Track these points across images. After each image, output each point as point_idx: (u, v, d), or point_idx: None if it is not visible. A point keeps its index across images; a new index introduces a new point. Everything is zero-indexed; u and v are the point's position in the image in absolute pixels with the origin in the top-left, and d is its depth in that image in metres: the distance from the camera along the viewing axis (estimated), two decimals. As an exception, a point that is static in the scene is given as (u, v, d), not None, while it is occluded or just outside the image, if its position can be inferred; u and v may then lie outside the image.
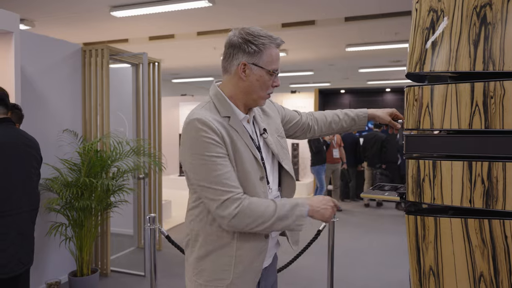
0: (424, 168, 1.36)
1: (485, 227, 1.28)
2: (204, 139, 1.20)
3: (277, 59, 1.31)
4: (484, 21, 1.25)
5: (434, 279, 1.36)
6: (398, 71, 10.76)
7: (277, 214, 1.23)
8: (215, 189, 1.20)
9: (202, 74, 10.91)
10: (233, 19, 5.83)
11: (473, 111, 1.28)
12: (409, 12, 5.48)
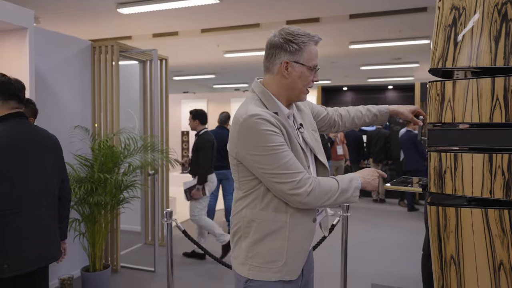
0: (446, 161, 1.41)
1: (505, 217, 1.33)
2: (266, 131, 1.30)
3: (316, 55, 1.40)
4: (505, 18, 1.30)
5: (455, 267, 1.42)
6: (398, 68, 10.81)
7: (340, 187, 1.35)
8: (287, 173, 1.30)
9: (204, 72, 10.94)
10: (238, 16, 5.87)
11: (493, 105, 1.33)
12: (413, 9, 5.53)
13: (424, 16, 5.60)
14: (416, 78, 12.76)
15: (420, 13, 5.52)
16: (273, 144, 1.30)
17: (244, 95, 9.95)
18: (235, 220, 1.45)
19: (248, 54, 8.11)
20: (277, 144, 1.30)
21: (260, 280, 1.38)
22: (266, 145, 1.29)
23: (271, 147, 1.30)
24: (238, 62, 9.23)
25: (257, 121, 1.30)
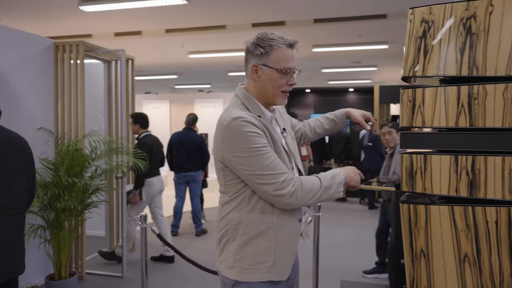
0: (417, 162, 1.53)
1: (469, 213, 1.46)
2: (250, 133, 1.33)
3: (287, 58, 1.41)
4: (469, 32, 1.44)
5: (424, 260, 1.54)
6: (357, 71, 11.21)
7: (323, 185, 1.39)
8: (271, 174, 1.33)
9: (167, 72, 10.79)
10: (203, 17, 5.86)
11: (459, 111, 1.46)
12: (374, 16, 5.79)
13: (384, 23, 5.88)
14: (373, 81, 13.28)
15: (380, 20, 5.79)
16: (256, 145, 1.33)
17: (208, 96, 9.92)
18: (222, 224, 1.47)
19: (213, 55, 8.12)
20: (260, 146, 1.33)
21: (248, 282, 1.39)
22: (249, 146, 1.32)
23: (255, 149, 1.32)
24: (202, 63, 9.20)
25: (241, 123, 1.33)
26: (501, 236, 1.40)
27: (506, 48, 1.37)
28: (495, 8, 1.39)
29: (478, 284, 1.45)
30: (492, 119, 1.40)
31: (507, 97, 1.37)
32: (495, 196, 1.40)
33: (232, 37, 6.79)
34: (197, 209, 5.01)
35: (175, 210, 4.96)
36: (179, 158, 4.82)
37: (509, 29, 1.37)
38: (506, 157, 1.37)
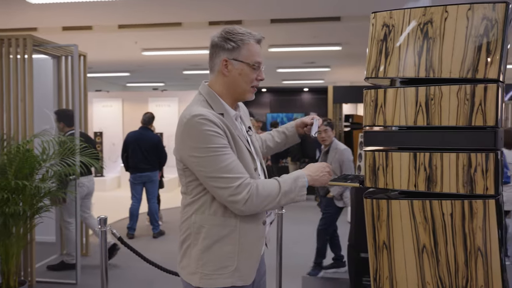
0: (379, 159, 1.61)
1: (427, 207, 1.56)
2: (208, 132, 1.28)
3: (257, 53, 1.41)
4: (426, 36, 1.53)
5: (386, 251, 1.62)
6: (311, 72, 11.50)
7: (282, 190, 1.34)
8: (226, 177, 1.28)
9: (118, 69, 10.42)
10: (159, 14, 5.73)
11: (417, 111, 1.55)
12: (328, 18, 5.96)
13: (338, 25, 6.08)
14: (326, 81, 13.68)
15: (334, 22, 5.98)
16: (214, 145, 1.28)
17: (163, 95, 9.72)
18: (184, 227, 1.42)
19: (168, 53, 7.96)
20: (218, 146, 1.29)
21: None
22: (207, 146, 1.28)
23: (212, 149, 1.28)
24: (156, 60, 8.99)
25: (200, 121, 1.29)
26: (455, 227, 1.51)
27: (459, 52, 1.48)
28: (449, 14, 1.50)
29: (435, 273, 1.55)
30: (447, 118, 1.51)
31: (460, 98, 1.47)
32: (450, 190, 1.51)
33: (188, 35, 6.71)
34: (154, 210, 4.90)
35: (131, 212, 4.82)
36: (135, 158, 4.69)
37: (462, 34, 1.47)
38: (460, 154, 1.48)
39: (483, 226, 1.46)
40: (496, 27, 1.42)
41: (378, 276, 1.65)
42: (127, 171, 4.87)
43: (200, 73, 11.11)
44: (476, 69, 1.45)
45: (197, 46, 7.49)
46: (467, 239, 1.49)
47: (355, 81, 13.46)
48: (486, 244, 1.46)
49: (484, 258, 1.46)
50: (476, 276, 1.48)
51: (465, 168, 1.48)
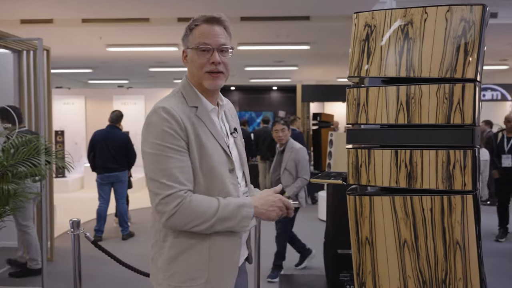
0: (361, 156, 1.64)
1: (408, 203, 1.61)
2: (165, 128, 1.20)
3: (204, 34, 1.28)
4: (407, 36, 1.58)
5: (369, 247, 1.66)
6: (279, 70, 11.59)
7: (219, 214, 1.20)
8: (160, 182, 1.17)
9: (80, 65, 10.04)
10: (125, 9, 5.56)
11: (398, 109, 1.60)
12: (297, 17, 6.02)
13: (307, 24, 6.15)
14: (293, 80, 13.84)
15: (303, 21, 6.05)
16: (164, 143, 1.19)
17: (128, 92, 9.46)
18: (152, 232, 1.34)
19: (135, 49, 7.76)
20: (168, 146, 1.19)
21: None
22: (156, 142, 1.20)
23: (161, 147, 1.19)
24: (121, 57, 8.73)
25: (161, 114, 1.21)
26: (435, 222, 1.56)
27: (438, 52, 1.53)
28: (429, 15, 1.55)
29: (416, 267, 1.60)
30: (427, 117, 1.56)
31: (439, 97, 1.53)
32: (430, 186, 1.56)
33: (155, 31, 6.56)
34: (123, 211, 4.76)
35: (99, 214, 4.66)
36: (103, 157, 4.54)
37: (441, 35, 1.53)
38: (439, 151, 1.54)
39: (461, 221, 1.52)
40: (473, 29, 1.48)
41: (361, 271, 1.68)
42: (93, 171, 4.70)
43: (166, 71, 10.92)
44: (455, 69, 1.51)
45: (165, 43, 7.35)
46: (446, 233, 1.55)
47: (321, 80, 13.70)
48: (464, 237, 1.52)
49: (462, 251, 1.53)
50: (455, 268, 1.54)
51: (444, 165, 1.53)
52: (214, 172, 1.27)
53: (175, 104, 1.26)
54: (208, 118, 1.31)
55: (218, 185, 1.28)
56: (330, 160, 6.27)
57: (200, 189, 1.26)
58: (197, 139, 1.25)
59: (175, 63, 9.80)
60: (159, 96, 9.49)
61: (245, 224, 1.25)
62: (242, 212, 1.25)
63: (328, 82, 13.35)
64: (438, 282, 1.58)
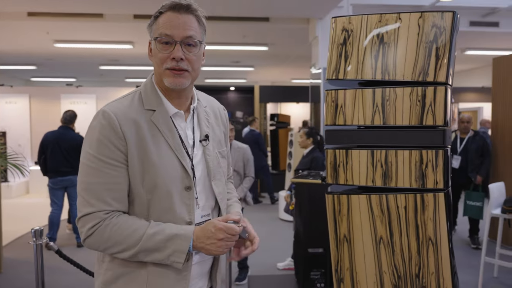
0: (339, 156, 1.69)
1: (383, 201, 1.68)
2: (100, 137, 1.06)
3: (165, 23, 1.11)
4: (382, 41, 1.65)
5: (347, 244, 1.72)
6: (235, 71, 11.61)
7: (141, 244, 1.04)
8: (83, 197, 1.06)
9: (24, 62, 9.42)
10: (77, 3, 5.30)
11: (374, 111, 1.67)
12: (257, 18, 6.07)
13: (266, 25, 6.22)
14: (248, 81, 13.91)
15: (263, 22, 6.11)
16: (96, 155, 1.06)
17: (77, 91, 9.03)
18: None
19: (86, 46, 7.41)
20: (100, 158, 1.05)
21: None
22: (90, 151, 1.07)
23: (93, 158, 1.06)
24: (70, 53, 8.32)
25: (100, 119, 1.07)
26: (409, 219, 1.65)
27: (411, 56, 1.62)
28: (402, 21, 1.63)
29: (391, 263, 1.68)
30: (401, 118, 1.64)
31: (413, 99, 1.61)
32: (404, 184, 1.64)
33: (109, 28, 6.32)
34: (78, 217, 4.52)
35: (51, 220, 4.40)
36: (55, 160, 4.29)
37: (414, 40, 1.61)
38: (413, 151, 1.62)
39: (433, 217, 1.61)
40: (444, 34, 1.57)
41: (339, 268, 1.73)
42: (45, 176, 4.43)
43: (118, 69, 10.55)
44: (427, 73, 1.60)
45: (120, 40, 7.10)
46: (419, 230, 1.64)
47: (276, 81, 13.90)
48: (436, 234, 1.61)
49: (434, 247, 1.62)
50: (427, 263, 1.63)
51: (417, 164, 1.62)
52: (158, 189, 1.09)
53: (124, 107, 1.10)
54: (165, 124, 1.13)
55: (162, 205, 1.10)
56: (290, 160, 6.40)
57: (142, 209, 1.10)
58: (141, 149, 1.08)
59: (129, 61, 9.50)
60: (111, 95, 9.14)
61: (177, 260, 1.05)
62: (174, 244, 1.05)
63: (283, 83, 13.57)
64: (412, 277, 1.66)
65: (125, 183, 1.08)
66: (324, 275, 2.75)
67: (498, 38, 7.11)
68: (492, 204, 3.57)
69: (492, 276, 3.79)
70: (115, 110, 1.09)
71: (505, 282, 3.69)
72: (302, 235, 2.77)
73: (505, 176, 4.63)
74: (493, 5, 5.87)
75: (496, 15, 6.23)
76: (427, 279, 1.64)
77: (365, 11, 5.93)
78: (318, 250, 2.75)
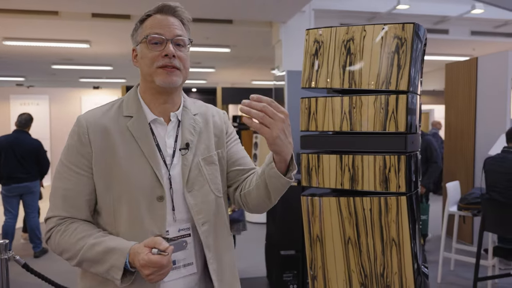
0: (312, 160, 1.80)
1: (351, 203, 1.80)
2: (69, 142, 1.13)
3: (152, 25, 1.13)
4: (349, 52, 1.77)
5: (319, 244, 1.83)
6: (196, 72, 11.57)
7: (82, 254, 1.03)
8: (50, 201, 1.12)
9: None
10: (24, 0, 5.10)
11: (342, 118, 1.79)
12: (222, 20, 6.12)
13: (229, 27, 6.29)
14: (208, 82, 13.90)
15: (226, 24, 6.17)
16: (63, 161, 1.11)
17: (29, 91, 8.66)
18: None
19: (40, 44, 7.13)
20: (66, 164, 1.10)
21: None
22: (61, 157, 1.13)
23: (61, 164, 1.12)
24: (20, 52, 7.96)
25: (74, 126, 1.13)
26: (374, 221, 1.75)
27: (375, 66, 1.74)
28: (367, 33, 1.76)
29: (358, 262, 1.80)
30: (366, 125, 1.76)
31: (377, 107, 1.74)
32: (369, 188, 1.75)
33: (65, 26, 6.13)
34: (35, 225, 4.37)
35: (5, 231, 4.22)
36: (9, 166, 4.13)
37: (377, 51, 1.73)
38: (377, 156, 1.73)
39: (396, 220, 1.71)
40: (405, 45, 1.69)
41: (313, 266, 1.85)
42: (-3, 183, 4.25)
43: (72, 68, 10.22)
44: (389, 82, 1.73)
45: (76, 39, 6.91)
46: (383, 231, 1.74)
47: (236, 82, 14.01)
48: (399, 235, 1.71)
49: (397, 247, 1.72)
50: (391, 263, 1.74)
51: (381, 169, 1.73)
52: (125, 197, 1.08)
53: (98, 114, 1.14)
54: (141, 131, 1.12)
55: (130, 216, 1.08)
56: (255, 163, 6.51)
57: (109, 218, 1.10)
58: (109, 156, 1.08)
59: (85, 60, 9.24)
60: (66, 96, 8.85)
61: (115, 276, 1.00)
62: (111, 259, 1.01)
63: (243, 84, 13.70)
64: (377, 276, 1.77)
65: (85, 191, 1.09)
66: (296, 277, 2.86)
67: (447, 44, 7.62)
68: (449, 202, 3.86)
69: (449, 269, 4.09)
70: (88, 117, 1.12)
71: (461, 274, 4.00)
72: (274, 237, 2.86)
73: (458, 175, 4.99)
74: (443, 14, 6.30)
75: (446, 23, 6.70)
76: (391, 278, 1.74)
77: (326, 16, 6.16)
78: (290, 253, 2.86)
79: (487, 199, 3.10)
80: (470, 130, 4.82)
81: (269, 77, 10.88)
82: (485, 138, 4.55)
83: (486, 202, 3.12)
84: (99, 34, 6.73)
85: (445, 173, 5.27)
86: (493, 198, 3.02)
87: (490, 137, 4.27)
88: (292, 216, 2.71)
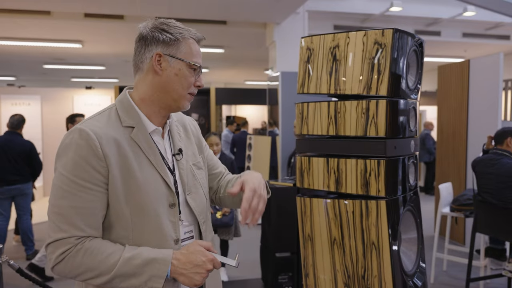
0: (304, 163, 1.92)
1: (336, 205, 1.89)
2: (76, 157, 1.05)
3: (198, 53, 1.19)
4: (335, 58, 1.88)
5: (310, 242, 1.94)
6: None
7: (117, 269, 1.03)
8: (54, 222, 1.04)
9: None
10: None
11: (329, 122, 1.89)
12: (216, 21, 6.20)
13: (223, 28, 6.38)
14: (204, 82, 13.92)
15: (220, 25, 6.26)
16: (71, 177, 1.04)
17: (20, 91, 8.68)
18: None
19: (31, 44, 7.18)
20: (75, 181, 1.04)
21: None
22: (63, 173, 1.05)
23: (67, 180, 1.05)
24: (11, 51, 8.00)
25: (75, 139, 1.06)
26: (356, 223, 1.83)
27: (357, 72, 1.83)
28: (350, 40, 1.85)
29: (343, 263, 1.89)
30: (349, 129, 1.84)
31: (358, 112, 1.82)
32: (352, 191, 1.83)
33: (57, 26, 6.19)
34: (27, 228, 4.43)
35: (-5, 233, 4.28)
36: (1, 168, 4.20)
37: (359, 57, 1.81)
38: (359, 160, 1.81)
39: (376, 224, 1.78)
40: (385, 50, 1.75)
41: (305, 263, 1.97)
42: (-11, 185, 4.31)
43: (64, 68, 10.26)
44: (370, 87, 1.79)
45: (68, 38, 6.97)
46: (364, 234, 1.82)
47: (229, 83, 14.09)
48: (379, 239, 1.78)
49: (377, 251, 1.79)
50: (371, 266, 1.81)
51: (362, 173, 1.80)
52: (145, 209, 1.10)
53: (102, 125, 1.10)
54: (146, 141, 1.14)
55: (151, 225, 1.11)
56: (249, 163, 6.59)
57: (125, 231, 1.10)
58: (124, 169, 1.09)
59: (77, 60, 9.29)
60: (58, 97, 8.86)
61: (154, 285, 1.04)
62: (152, 269, 1.04)
63: (236, 85, 13.78)
64: (359, 278, 1.84)
65: (101, 208, 1.07)
66: (291, 279, 2.95)
67: (439, 46, 7.76)
68: (442, 203, 3.97)
69: (442, 269, 4.20)
70: (95, 129, 1.07)
71: (453, 275, 4.11)
72: (269, 239, 2.95)
73: (451, 176, 5.10)
74: (436, 16, 6.43)
75: (438, 25, 6.84)
76: (371, 281, 1.80)
77: (320, 18, 6.27)
78: (285, 255, 2.95)
79: (479, 201, 3.20)
80: (462, 131, 4.94)
81: (262, 77, 10.99)
82: (477, 140, 4.66)
83: (478, 203, 3.22)
84: (91, 34, 6.79)
85: (437, 174, 5.39)
86: (485, 200, 3.12)
87: (482, 139, 4.39)
88: (287, 218, 2.80)
